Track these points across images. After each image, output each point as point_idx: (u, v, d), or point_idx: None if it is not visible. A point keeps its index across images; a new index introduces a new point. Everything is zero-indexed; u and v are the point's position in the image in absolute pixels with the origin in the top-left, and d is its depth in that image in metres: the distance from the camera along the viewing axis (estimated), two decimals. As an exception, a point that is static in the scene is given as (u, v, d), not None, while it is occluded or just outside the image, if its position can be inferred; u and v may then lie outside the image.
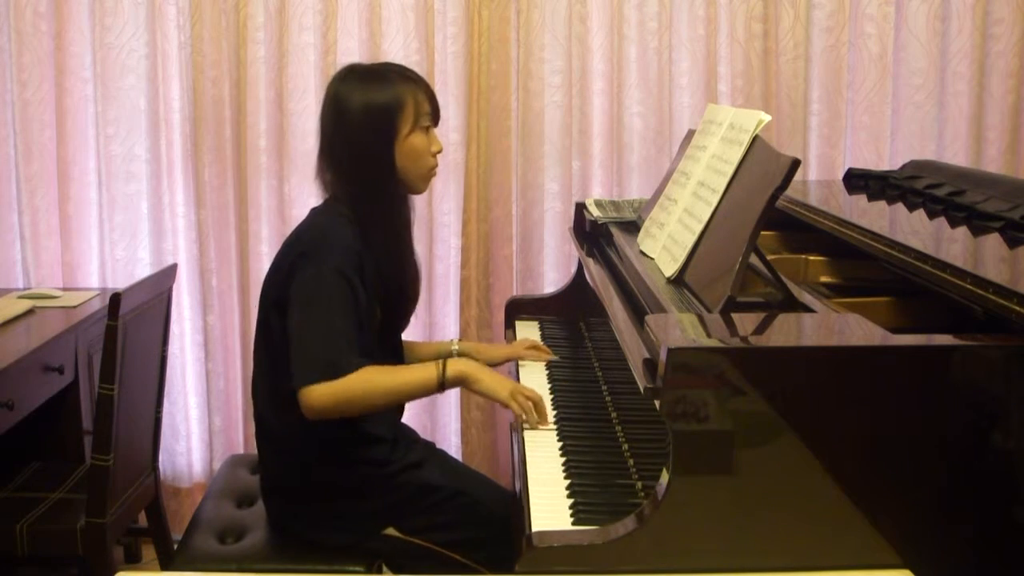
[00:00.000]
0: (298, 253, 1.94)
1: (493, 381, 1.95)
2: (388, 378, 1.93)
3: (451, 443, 3.19)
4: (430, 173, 2.05)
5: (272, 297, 1.98)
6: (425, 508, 2.01)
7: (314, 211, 2.07)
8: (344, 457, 1.99)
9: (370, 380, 1.88)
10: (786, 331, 1.55)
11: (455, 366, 1.94)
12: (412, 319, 3.02)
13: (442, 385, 1.94)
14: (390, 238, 2.00)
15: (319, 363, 1.86)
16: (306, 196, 3.05)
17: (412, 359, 2.29)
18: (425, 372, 1.94)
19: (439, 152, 2.04)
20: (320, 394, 1.84)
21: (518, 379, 2.21)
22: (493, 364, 2.29)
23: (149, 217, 3.09)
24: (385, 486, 2.01)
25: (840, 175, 2.82)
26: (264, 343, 2.02)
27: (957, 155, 2.99)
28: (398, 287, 2.04)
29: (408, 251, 2.08)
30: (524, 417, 1.91)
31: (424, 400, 3.05)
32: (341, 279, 1.88)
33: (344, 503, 2.00)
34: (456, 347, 2.33)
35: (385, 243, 1.98)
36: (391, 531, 2.00)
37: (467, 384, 1.96)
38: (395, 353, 2.16)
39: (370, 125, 1.96)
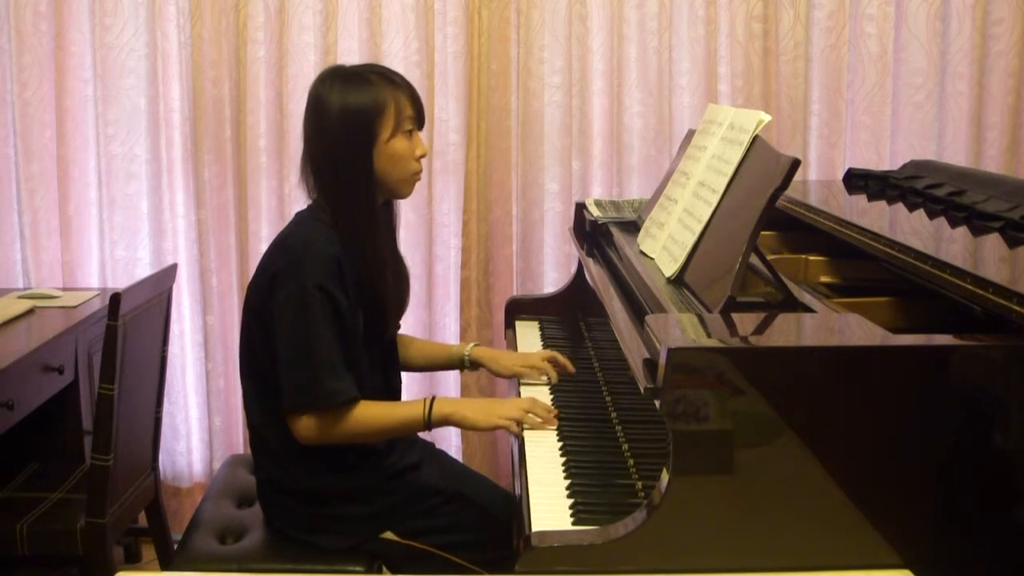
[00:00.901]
0: (279, 267, 1.92)
1: (479, 416, 1.95)
2: (376, 420, 1.94)
3: (451, 443, 3.19)
4: (414, 177, 2.01)
5: (253, 304, 1.98)
6: (424, 511, 2.01)
7: (298, 217, 2.05)
8: (338, 463, 1.98)
9: (359, 422, 1.91)
10: (786, 331, 1.55)
11: (441, 409, 1.94)
12: (413, 319, 3.03)
13: (428, 426, 1.95)
14: (367, 243, 1.97)
15: (307, 390, 1.87)
16: (306, 196, 3.04)
17: (425, 356, 2.29)
18: (412, 412, 1.95)
19: (423, 156, 2.01)
20: (309, 430, 1.90)
21: (518, 388, 2.20)
22: (503, 376, 2.28)
23: (149, 217, 3.09)
24: (382, 490, 2.01)
25: (840, 175, 2.82)
26: (247, 350, 2.01)
27: (957, 155, 2.99)
28: (377, 292, 2.00)
29: (386, 256, 2.04)
30: (525, 426, 1.92)
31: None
32: (323, 295, 1.87)
33: (341, 508, 1.99)
34: (469, 352, 2.28)
35: (362, 248, 1.96)
36: (389, 535, 2.00)
37: (454, 424, 1.98)
38: (386, 354, 2.14)
39: (347, 128, 1.93)
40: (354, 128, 1.93)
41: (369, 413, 1.93)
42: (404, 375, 2.23)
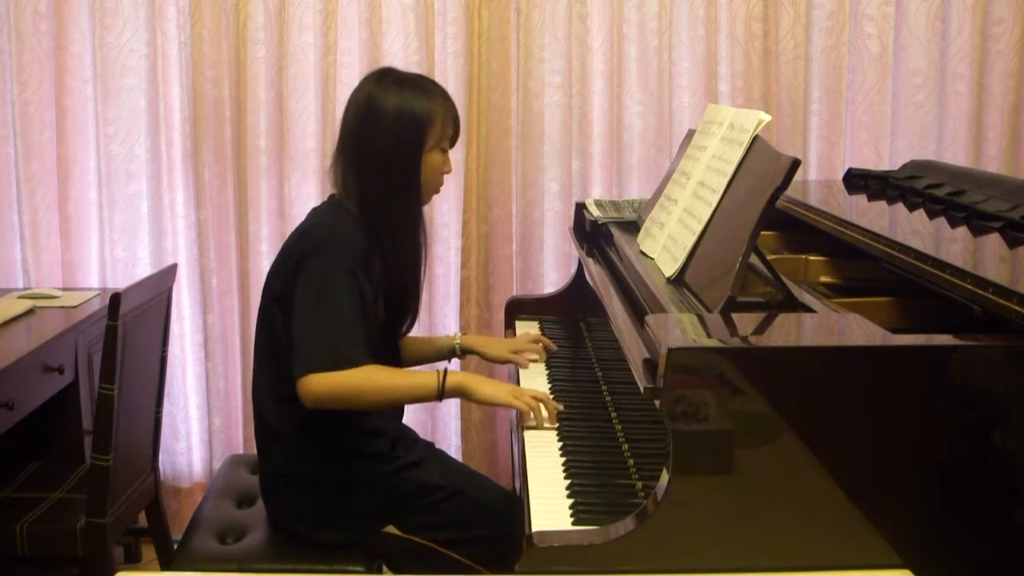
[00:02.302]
0: (305, 249, 1.94)
1: (492, 389, 1.96)
2: (388, 379, 1.95)
3: (451, 443, 3.19)
4: (436, 190, 2.08)
5: (275, 292, 1.99)
6: (424, 507, 2.02)
7: (316, 210, 2.08)
8: (344, 451, 1.99)
9: (369, 377, 1.90)
10: (786, 331, 1.55)
11: (455, 378, 1.95)
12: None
13: (441, 395, 1.95)
14: (405, 243, 2.01)
15: (324, 352, 1.87)
16: (306, 196, 3.05)
17: (414, 352, 2.30)
18: (426, 379, 1.95)
19: (448, 172, 2.06)
20: (318, 382, 1.87)
21: (518, 380, 2.21)
22: (496, 360, 2.33)
23: (149, 217, 3.09)
24: (385, 483, 2.01)
25: (840, 175, 2.82)
26: (265, 338, 2.02)
27: (957, 155, 2.99)
28: (404, 288, 2.05)
29: (420, 256, 2.08)
30: (532, 416, 1.92)
31: (424, 400, 3.05)
32: (350, 275, 1.90)
33: (344, 500, 2.00)
34: (459, 342, 2.34)
35: (402, 248, 2.00)
36: (390, 529, 2.00)
37: (467, 396, 1.97)
38: (393, 354, 2.16)
39: (401, 129, 1.97)
40: (408, 131, 1.97)
41: (379, 375, 1.92)
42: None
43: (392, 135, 1.97)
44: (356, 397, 1.91)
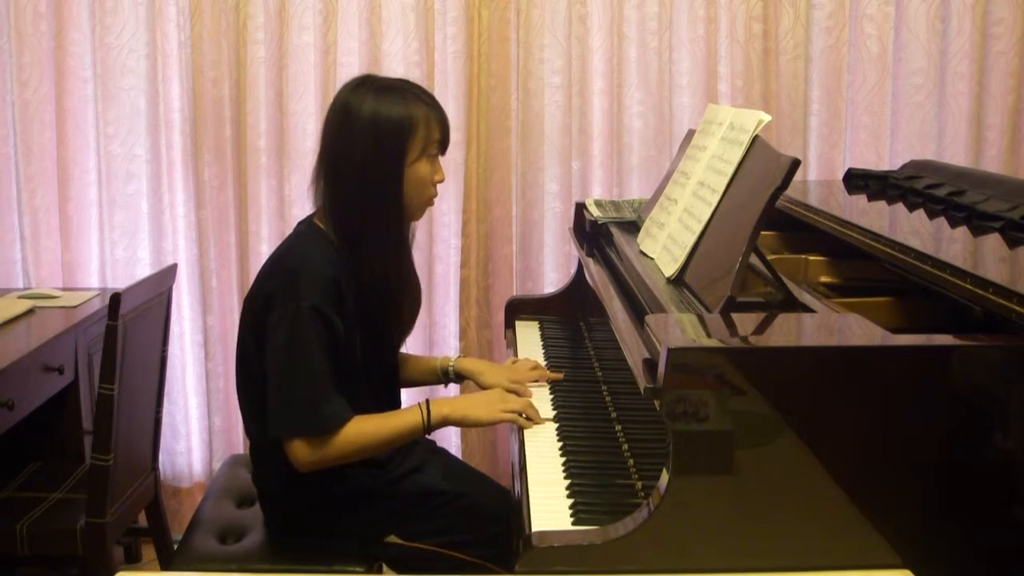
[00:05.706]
0: (275, 286, 1.88)
1: (477, 411, 1.93)
2: (373, 431, 1.89)
3: (451, 443, 3.19)
4: (429, 202, 1.97)
5: (249, 320, 1.94)
6: (426, 513, 2.01)
7: (297, 230, 2.01)
8: (339, 471, 1.94)
9: (359, 435, 1.87)
10: (786, 331, 1.55)
11: (439, 410, 1.91)
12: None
13: (428, 430, 1.92)
14: (387, 258, 1.92)
15: (303, 415, 1.83)
16: (306, 196, 3.02)
17: (409, 372, 2.25)
18: (410, 418, 1.91)
19: (441, 181, 1.96)
20: (305, 454, 1.84)
21: None
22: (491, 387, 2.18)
23: (149, 217, 3.09)
24: (384, 494, 2.00)
25: (840, 175, 2.82)
26: (243, 364, 1.98)
27: (957, 155, 2.99)
28: (385, 308, 1.97)
29: (405, 271, 2.01)
30: (521, 423, 1.92)
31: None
32: (318, 316, 1.82)
33: (343, 513, 1.98)
34: (453, 364, 2.24)
35: (373, 263, 1.90)
36: (392, 538, 1.98)
37: (455, 424, 1.96)
38: (390, 373, 2.13)
39: (377, 141, 1.86)
40: (385, 142, 1.86)
41: (365, 429, 1.88)
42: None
43: (368, 146, 1.86)
44: (349, 458, 1.89)
